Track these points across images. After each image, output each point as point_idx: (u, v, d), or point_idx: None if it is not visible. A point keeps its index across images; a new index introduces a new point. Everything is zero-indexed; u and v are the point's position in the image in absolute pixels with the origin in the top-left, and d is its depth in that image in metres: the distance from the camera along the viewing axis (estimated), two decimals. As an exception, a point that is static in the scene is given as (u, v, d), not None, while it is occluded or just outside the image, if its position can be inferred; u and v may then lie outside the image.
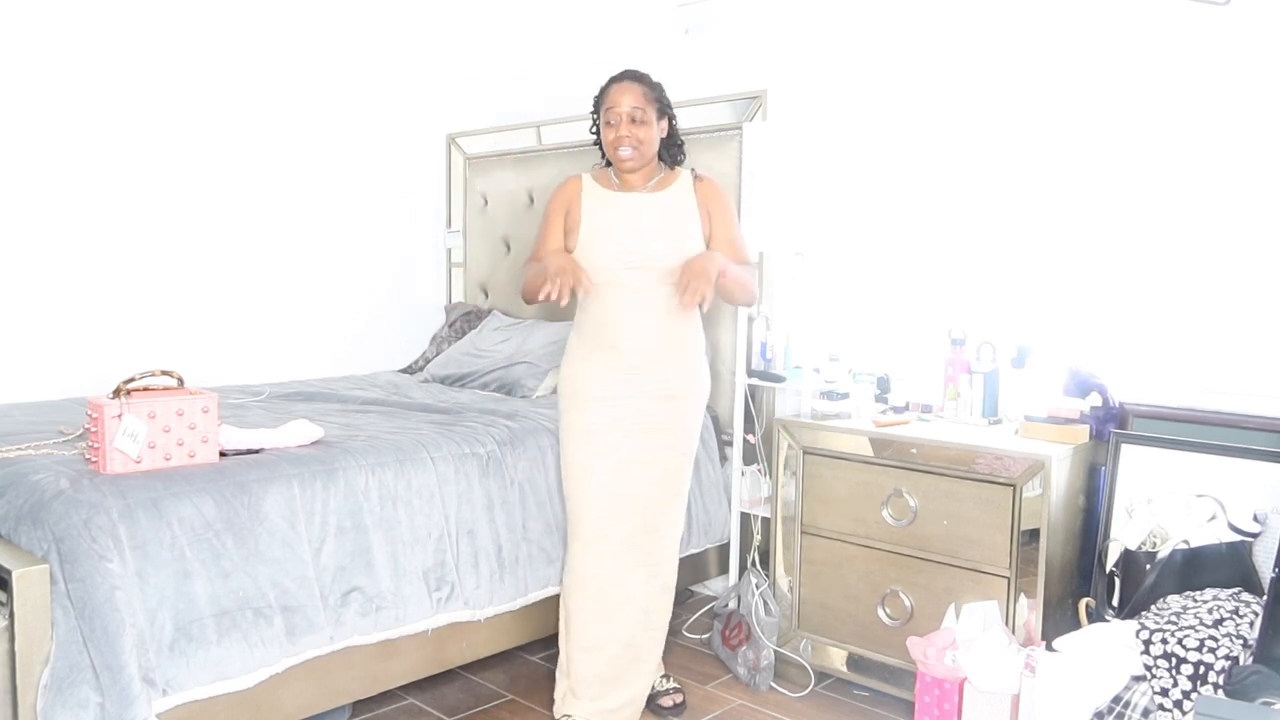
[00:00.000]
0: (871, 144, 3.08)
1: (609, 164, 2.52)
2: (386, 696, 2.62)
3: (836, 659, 2.71)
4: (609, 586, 2.44)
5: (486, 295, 4.22)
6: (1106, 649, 2.00)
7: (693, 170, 2.53)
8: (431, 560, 2.42)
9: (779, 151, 2.98)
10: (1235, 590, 2.11)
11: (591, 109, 2.52)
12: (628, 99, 2.39)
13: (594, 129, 2.53)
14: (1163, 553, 2.20)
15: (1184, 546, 2.19)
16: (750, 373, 3.03)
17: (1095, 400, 2.54)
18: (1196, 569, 2.16)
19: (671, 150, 2.53)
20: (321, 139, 3.94)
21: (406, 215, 4.27)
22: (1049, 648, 2.12)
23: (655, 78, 2.48)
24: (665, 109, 2.46)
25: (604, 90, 2.45)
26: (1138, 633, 1.96)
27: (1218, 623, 1.95)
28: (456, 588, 2.46)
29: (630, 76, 2.44)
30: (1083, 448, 2.46)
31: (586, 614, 2.45)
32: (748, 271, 2.49)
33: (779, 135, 3.00)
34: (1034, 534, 2.34)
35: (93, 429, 2.12)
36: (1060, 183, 2.74)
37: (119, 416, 2.08)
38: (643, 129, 2.39)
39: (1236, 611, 1.99)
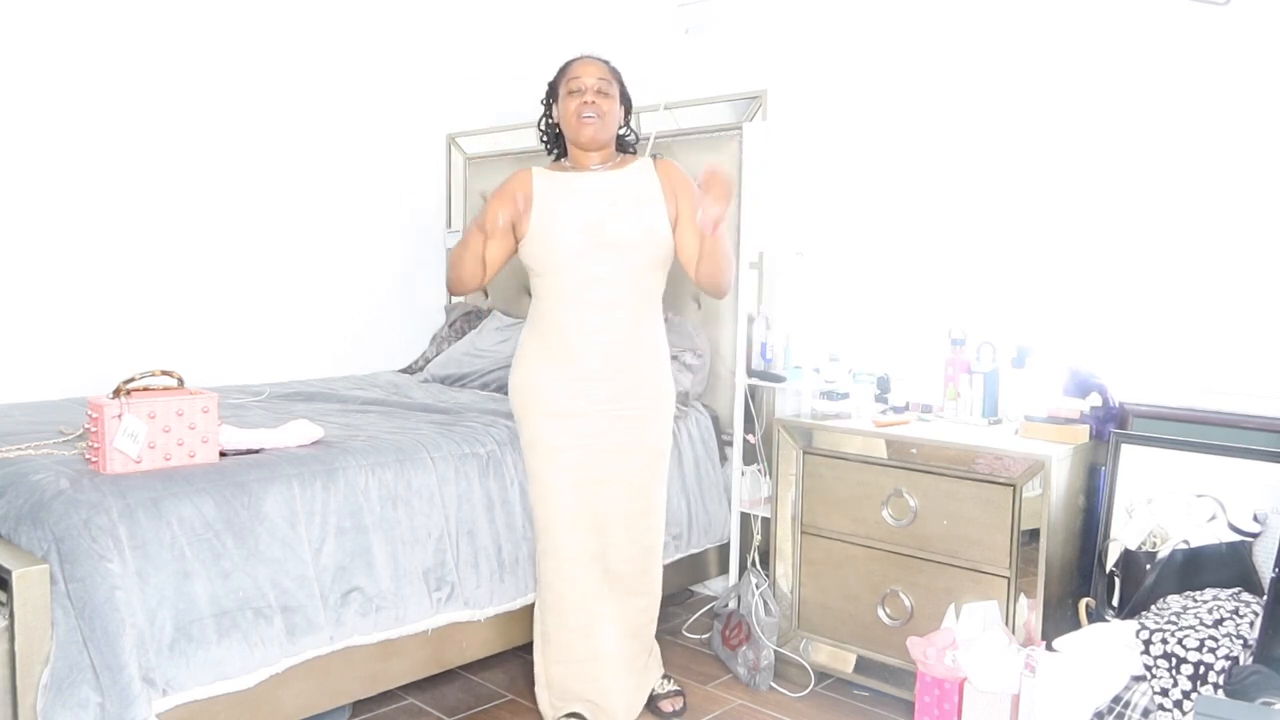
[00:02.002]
0: (872, 144, 3.08)
1: (557, 159, 2.50)
2: (386, 696, 2.62)
3: (837, 659, 2.71)
4: (589, 599, 2.39)
5: (486, 295, 4.22)
6: (1106, 649, 2.00)
7: (652, 155, 2.44)
8: (431, 560, 2.42)
9: (779, 151, 2.98)
10: (1235, 590, 2.11)
11: (545, 96, 2.45)
12: (593, 71, 2.35)
13: (543, 120, 2.48)
14: (1163, 553, 2.20)
15: (1184, 546, 2.19)
16: (750, 373, 3.03)
17: (1095, 400, 2.54)
18: (1196, 569, 2.16)
19: (623, 141, 2.47)
20: (322, 139, 3.94)
21: (406, 215, 4.27)
22: (1049, 648, 2.12)
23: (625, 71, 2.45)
24: (625, 97, 2.41)
25: (565, 67, 2.40)
26: (1138, 633, 1.96)
27: (1218, 623, 1.95)
28: (456, 588, 2.46)
29: (592, 56, 2.40)
30: (1083, 448, 2.46)
31: (566, 631, 2.40)
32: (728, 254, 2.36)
33: (779, 135, 3.00)
34: (1034, 534, 2.34)
35: (93, 429, 2.12)
36: (1060, 183, 2.74)
37: (119, 416, 2.08)
38: (607, 101, 2.33)
39: (1236, 611, 1.99)
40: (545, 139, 2.53)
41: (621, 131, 2.46)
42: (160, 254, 3.51)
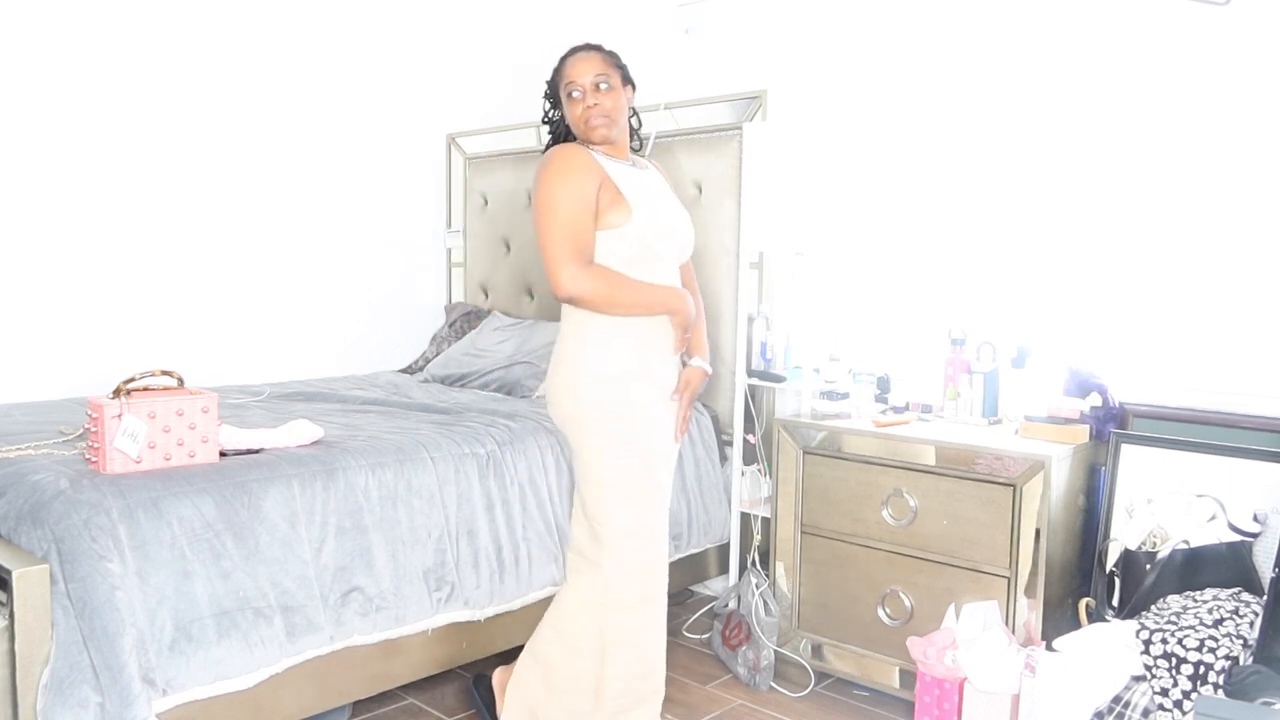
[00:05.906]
0: (871, 144, 3.09)
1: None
2: (386, 696, 2.62)
3: (837, 659, 2.71)
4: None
5: (486, 295, 4.22)
6: (1106, 649, 2.00)
7: (643, 156, 2.35)
8: (432, 560, 2.42)
9: (779, 151, 2.98)
10: (1235, 590, 2.11)
11: (545, 93, 2.33)
12: (589, 67, 2.19)
13: (547, 115, 2.35)
14: (1163, 553, 2.20)
15: (1184, 546, 2.19)
16: (750, 373, 3.03)
17: (1095, 400, 2.54)
18: (1196, 569, 2.16)
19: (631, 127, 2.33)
20: (322, 139, 3.94)
21: (406, 215, 4.27)
22: (1049, 648, 2.12)
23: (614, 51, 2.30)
24: (628, 77, 2.27)
25: (560, 65, 2.24)
26: (1138, 633, 1.96)
27: (1218, 623, 1.95)
28: (456, 588, 2.46)
29: (587, 46, 2.25)
30: (1083, 448, 2.46)
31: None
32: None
33: (779, 135, 3.00)
34: (1034, 534, 2.34)
35: (93, 429, 2.12)
36: (1060, 183, 2.74)
37: (119, 416, 2.08)
38: (610, 96, 2.19)
39: (1236, 611, 1.99)
40: (553, 134, 2.38)
41: (630, 119, 2.34)
42: (160, 254, 3.51)
